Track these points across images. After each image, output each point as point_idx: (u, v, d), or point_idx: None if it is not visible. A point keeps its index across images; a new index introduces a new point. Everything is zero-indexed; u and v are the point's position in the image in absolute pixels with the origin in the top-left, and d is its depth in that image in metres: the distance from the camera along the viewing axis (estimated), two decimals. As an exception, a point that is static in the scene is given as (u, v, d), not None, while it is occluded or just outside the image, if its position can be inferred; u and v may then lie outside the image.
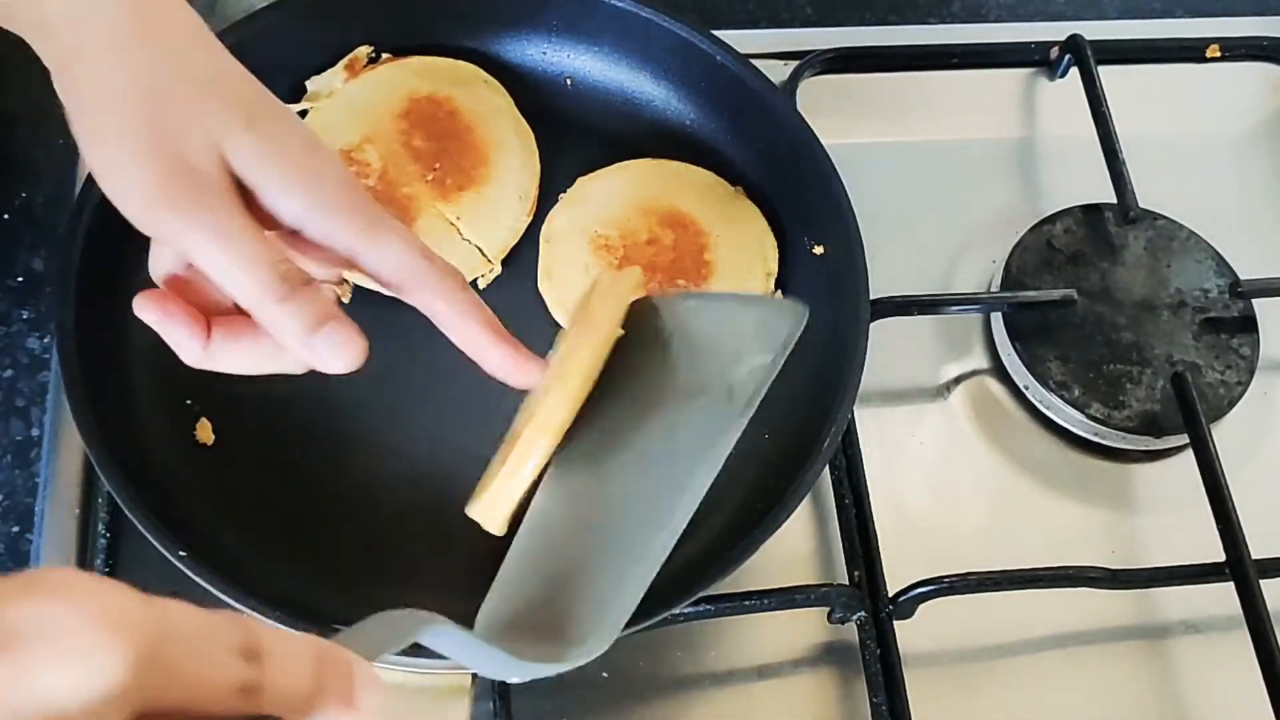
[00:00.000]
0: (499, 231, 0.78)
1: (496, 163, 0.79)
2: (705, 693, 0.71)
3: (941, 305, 0.82)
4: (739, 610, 0.70)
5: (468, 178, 0.78)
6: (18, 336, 0.78)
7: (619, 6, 0.80)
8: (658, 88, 0.83)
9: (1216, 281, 0.85)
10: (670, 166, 0.81)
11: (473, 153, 0.79)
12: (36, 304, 0.79)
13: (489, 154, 0.79)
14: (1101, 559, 0.76)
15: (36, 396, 0.77)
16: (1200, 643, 0.75)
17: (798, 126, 0.78)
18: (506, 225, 0.78)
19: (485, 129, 0.80)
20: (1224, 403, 0.81)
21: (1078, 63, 0.92)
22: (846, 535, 0.75)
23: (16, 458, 0.75)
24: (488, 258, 0.77)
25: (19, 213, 0.83)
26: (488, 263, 0.77)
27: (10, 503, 0.73)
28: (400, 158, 0.78)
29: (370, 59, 0.81)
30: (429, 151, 0.78)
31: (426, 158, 0.78)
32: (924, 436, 0.81)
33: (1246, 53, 0.97)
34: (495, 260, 0.77)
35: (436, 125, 0.79)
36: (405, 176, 0.77)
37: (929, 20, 0.99)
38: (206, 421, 0.71)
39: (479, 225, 0.77)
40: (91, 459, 0.63)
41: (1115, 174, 0.86)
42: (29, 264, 0.81)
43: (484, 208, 0.78)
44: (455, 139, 0.79)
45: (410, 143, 0.78)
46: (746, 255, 0.78)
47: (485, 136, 0.79)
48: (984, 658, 0.74)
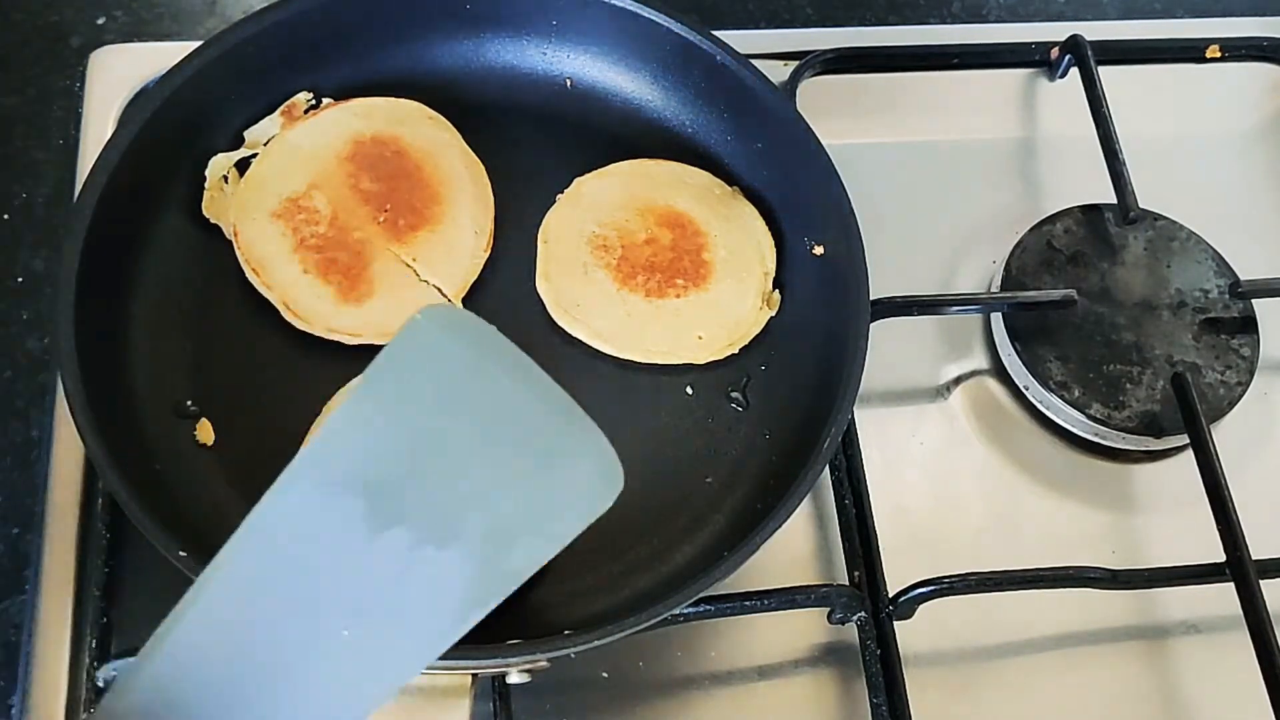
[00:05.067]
0: (457, 269, 0.76)
1: (448, 199, 0.78)
2: (705, 693, 0.71)
3: (941, 305, 0.82)
4: (739, 610, 0.70)
5: (420, 217, 0.76)
6: (17, 337, 0.78)
7: (619, 6, 0.80)
8: (657, 88, 0.83)
9: (1216, 281, 0.85)
10: (668, 166, 0.81)
11: (423, 190, 0.77)
12: (36, 304, 0.79)
13: (440, 190, 0.78)
14: (1101, 559, 0.76)
15: (36, 397, 0.77)
16: (1200, 643, 0.75)
17: (798, 126, 0.78)
18: (464, 262, 0.76)
19: (434, 165, 0.78)
20: (1224, 403, 0.81)
21: (1078, 63, 0.92)
22: (846, 535, 0.75)
23: (16, 458, 0.75)
24: (448, 297, 0.75)
25: (19, 213, 0.83)
26: (449, 303, 0.75)
27: (10, 503, 0.73)
28: (350, 201, 0.76)
29: (310, 104, 0.80)
30: (379, 193, 0.77)
31: (377, 199, 0.76)
32: (924, 437, 0.81)
33: (1246, 53, 0.98)
34: (456, 299, 0.76)
35: (384, 165, 0.78)
36: (356, 220, 0.76)
37: (929, 20, 0.99)
38: (206, 421, 0.71)
39: (436, 265, 0.76)
40: (91, 459, 0.63)
41: (1115, 174, 0.86)
42: (29, 264, 0.81)
43: (440, 246, 0.76)
44: (404, 178, 0.77)
45: (359, 185, 0.77)
46: (744, 255, 0.78)
47: (435, 173, 0.78)
48: (984, 658, 0.74)
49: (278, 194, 0.76)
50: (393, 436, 0.48)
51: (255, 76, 0.78)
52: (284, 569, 0.48)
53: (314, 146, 0.78)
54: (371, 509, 0.47)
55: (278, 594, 0.48)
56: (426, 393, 0.49)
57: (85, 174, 0.70)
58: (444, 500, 0.48)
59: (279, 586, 0.48)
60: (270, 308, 0.73)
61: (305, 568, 0.48)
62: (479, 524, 0.47)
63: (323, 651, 0.47)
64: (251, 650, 0.48)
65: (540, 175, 0.81)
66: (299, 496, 0.48)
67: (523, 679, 0.64)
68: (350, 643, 0.47)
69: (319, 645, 0.47)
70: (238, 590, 0.48)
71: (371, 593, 0.47)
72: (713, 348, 0.76)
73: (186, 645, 0.48)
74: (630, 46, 0.82)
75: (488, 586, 0.47)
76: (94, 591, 0.68)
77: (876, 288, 0.74)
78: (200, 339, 0.73)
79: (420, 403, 0.48)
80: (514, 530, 0.48)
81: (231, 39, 0.76)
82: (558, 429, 0.49)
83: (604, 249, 0.78)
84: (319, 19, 0.79)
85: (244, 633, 0.48)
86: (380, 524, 0.47)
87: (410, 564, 0.47)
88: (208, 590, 0.48)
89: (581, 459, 0.49)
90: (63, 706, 0.66)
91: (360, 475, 0.47)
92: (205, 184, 0.76)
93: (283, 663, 0.47)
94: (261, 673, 0.48)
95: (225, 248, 0.75)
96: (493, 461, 0.48)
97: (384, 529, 0.47)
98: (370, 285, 0.74)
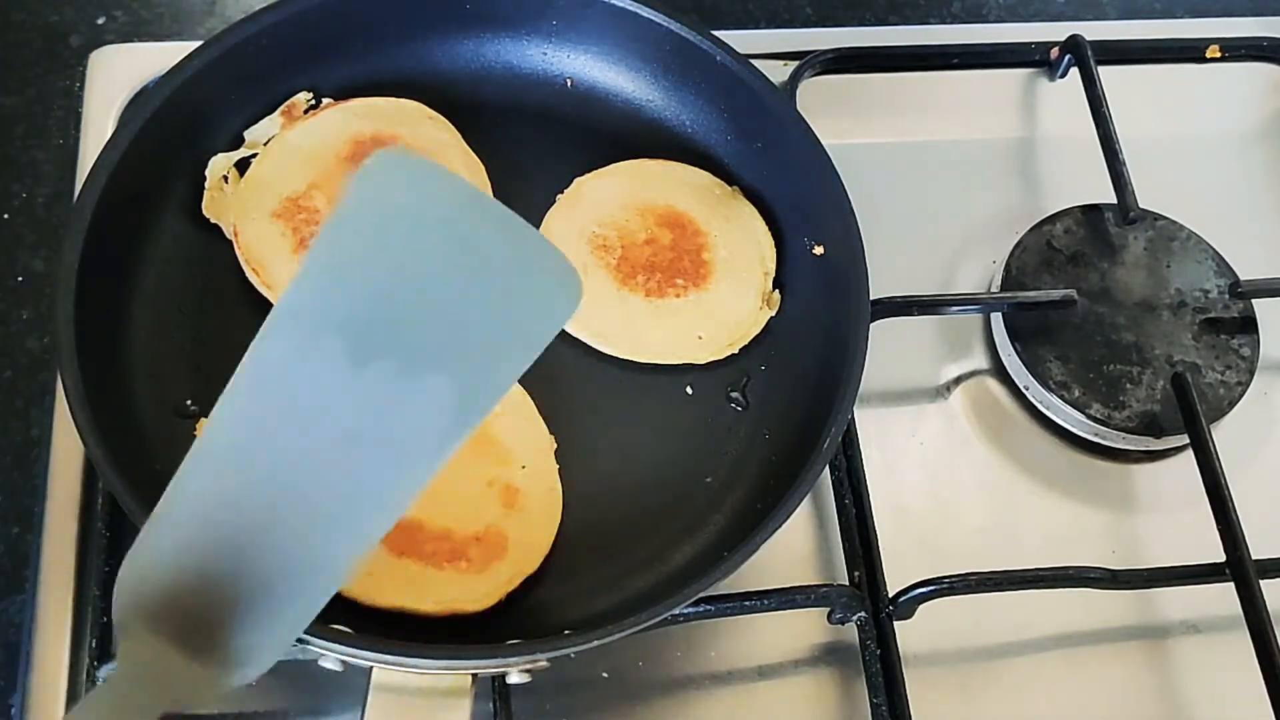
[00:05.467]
0: None
1: None
2: (705, 693, 0.71)
3: (941, 305, 0.82)
4: (739, 610, 0.70)
5: None
6: (17, 336, 0.78)
7: (619, 6, 0.80)
8: (657, 88, 0.83)
9: (1216, 281, 0.85)
10: (668, 166, 0.81)
11: None
12: (36, 304, 0.79)
13: None
14: (1101, 559, 0.76)
15: (36, 397, 0.77)
16: (1200, 643, 0.75)
17: (798, 126, 0.78)
18: None
19: None
20: (1224, 403, 0.81)
21: (1078, 63, 0.92)
22: (846, 535, 0.75)
23: (16, 458, 0.74)
24: None
25: (19, 213, 0.83)
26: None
27: (10, 503, 0.73)
28: None
29: (310, 104, 0.80)
30: None
31: None
32: (924, 436, 0.81)
33: (1246, 53, 0.98)
34: None
35: None
36: None
37: (929, 20, 0.99)
38: (206, 422, 0.71)
39: None
40: (91, 459, 0.63)
41: (1115, 174, 0.86)
42: (29, 264, 0.81)
43: None
44: None
45: None
46: (744, 255, 0.78)
47: None
48: (984, 658, 0.74)
49: (278, 194, 0.76)
50: (361, 277, 0.50)
51: (255, 76, 0.78)
52: (277, 410, 0.50)
53: (314, 146, 0.78)
54: (351, 347, 0.50)
55: (275, 434, 0.50)
56: (387, 233, 0.51)
57: (85, 174, 0.70)
58: (418, 329, 0.50)
59: (275, 427, 0.50)
60: (270, 308, 0.73)
61: (296, 407, 0.50)
62: (456, 346, 0.50)
63: (323, 482, 0.50)
64: (256, 487, 0.50)
65: (540, 175, 0.81)
66: (281, 344, 0.50)
67: (523, 679, 0.64)
68: (349, 470, 0.50)
69: (319, 478, 0.50)
70: (237, 436, 0.51)
71: (363, 421, 0.50)
72: (713, 347, 0.76)
73: (196, 493, 0.51)
74: (630, 46, 0.82)
75: (472, 403, 0.50)
76: (94, 591, 0.68)
77: (876, 288, 0.74)
78: (200, 339, 0.73)
79: (382, 243, 0.51)
80: (489, 347, 0.51)
81: (231, 39, 0.76)
82: (515, 249, 0.52)
83: (604, 249, 0.78)
84: (318, 19, 0.79)
85: (248, 473, 0.51)
86: (361, 359, 0.50)
87: (397, 392, 0.50)
88: (209, 441, 0.51)
89: (542, 274, 0.52)
90: (63, 707, 0.66)
91: (335, 317, 0.50)
92: (205, 184, 0.76)
93: (286, 497, 0.50)
94: (268, 508, 0.50)
95: (225, 248, 0.75)
96: (459, 287, 0.51)
97: (365, 364, 0.50)
98: (370, 285, 0.74)
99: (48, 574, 0.70)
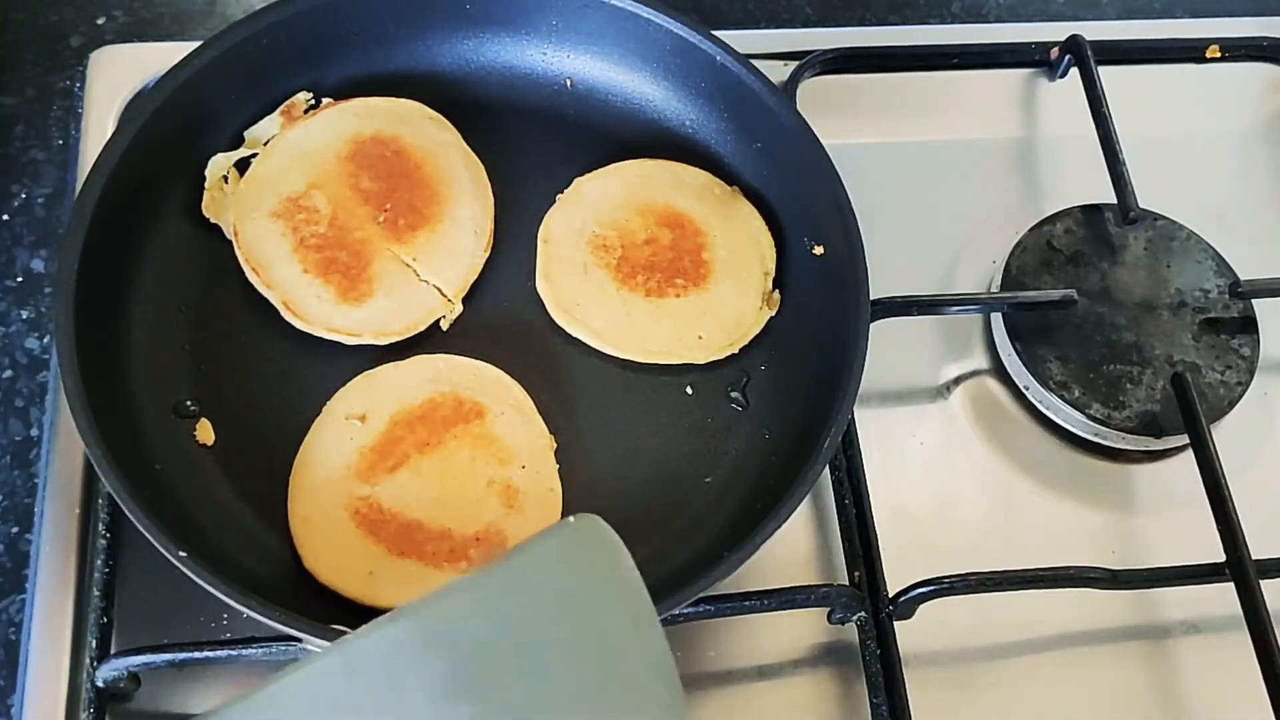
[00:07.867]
0: (457, 270, 0.76)
1: (448, 199, 0.77)
2: (705, 693, 0.71)
3: (941, 305, 0.82)
4: (739, 610, 0.70)
5: (420, 216, 0.76)
6: (17, 336, 0.78)
7: (619, 6, 0.80)
8: (657, 88, 0.83)
9: (1216, 281, 0.85)
10: (667, 166, 0.81)
11: (423, 190, 0.77)
12: (36, 304, 0.80)
13: (440, 190, 0.77)
14: (1101, 559, 0.76)
15: (36, 397, 0.77)
16: (1200, 643, 0.75)
17: (798, 126, 0.78)
18: (464, 262, 0.76)
19: (434, 165, 0.78)
20: (1224, 403, 0.81)
21: (1078, 63, 0.92)
22: (846, 535, 0.75)
23: (16, 458, 0.75)
24: (448, 297, 0.75)
25: (19, 213, 0.83)
26: (449, 303, 0.75)
27: (10, 503, 0.73)
28: (350, 201, 0.76)
29: (310, 104, 0.80)
30: (378, 192, 0.76)
31: (377, 199, 0.76)
32: (924, 436, 0.81)
33: (1246, 53, 0.98)
34: (456, 299, 0.76)
35: (384, 165, 0.77)
36: (356, 220, 0.75)
37: (929, 20, 0.99)
38: (206, 421, 0.71)
39: (436, 265, 0.76)
40: (91, 459, 0.63)
41: (1115, 174, 0.86)
42: (29, 264, 0.81)
43: (440, 246, 0.76)
44: (404, 178, 0.77)
45: (359, 185, 0.77)
46: (744, 254, 0.78)
47: (435, 173, 0.78)
48: (984, 658, 0.74)
49: (278, 194, 0.76)
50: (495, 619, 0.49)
51: (255, 76, 0.78)
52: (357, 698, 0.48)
53: (314, 146, 0.78)
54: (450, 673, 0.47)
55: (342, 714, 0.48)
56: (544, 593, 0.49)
57: (85, 174, 0.70)
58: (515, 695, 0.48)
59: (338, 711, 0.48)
60: (270, 308, 0.73)
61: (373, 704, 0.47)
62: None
63: None
64: None
65: (540, 175, 0.81)
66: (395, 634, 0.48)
67: (523, 680, 0.64)
68: None
69: None
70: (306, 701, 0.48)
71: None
72: (713, 347, 0.76)
73: None
74: (630, 46, 0.82)
75: None
76: (94, 591, 0.68)
77: (876, 288, 0.74)
78: (200, 339, 0.73)
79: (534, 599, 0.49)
80: None
81: (231, 39, 0.76)
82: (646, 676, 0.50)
83: (604, 249, 0.78)
84: (318, 19, 0.79)
85: None
86: (452, 691, 0.47)
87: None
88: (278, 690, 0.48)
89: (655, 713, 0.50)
90: (63, 706, 0.66)
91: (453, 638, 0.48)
92: (205, 184, 0.76)
93: None
94: None
95: (225, 248, 0.75)
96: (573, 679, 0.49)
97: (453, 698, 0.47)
98: (370, 285, 0.74)
99: (47, 574, 0.70)
